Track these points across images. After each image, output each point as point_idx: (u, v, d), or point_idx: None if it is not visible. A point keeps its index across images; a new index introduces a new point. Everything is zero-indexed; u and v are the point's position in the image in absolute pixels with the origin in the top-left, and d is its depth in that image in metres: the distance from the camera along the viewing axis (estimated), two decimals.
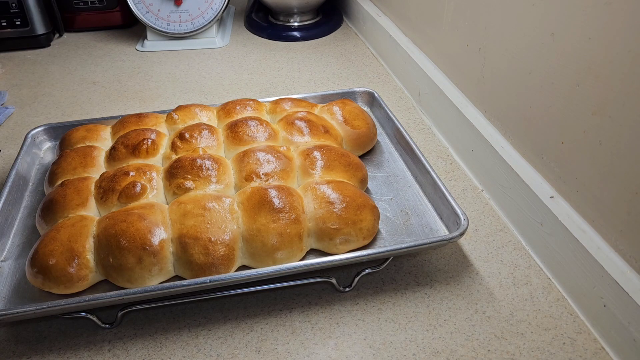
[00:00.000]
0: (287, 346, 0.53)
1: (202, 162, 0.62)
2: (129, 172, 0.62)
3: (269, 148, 0.65)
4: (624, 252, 0.51)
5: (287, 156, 0.64)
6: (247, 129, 0.69)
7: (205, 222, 0.55)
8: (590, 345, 0.53)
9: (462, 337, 0.54)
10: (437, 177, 0.65)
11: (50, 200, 0.60)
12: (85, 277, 0.54)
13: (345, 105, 0.76)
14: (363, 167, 0.67)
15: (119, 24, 1.28)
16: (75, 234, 0.55)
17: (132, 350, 0.53)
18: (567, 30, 0.55)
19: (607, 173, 0.52)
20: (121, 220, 0.55)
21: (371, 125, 0.75)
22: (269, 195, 0.57)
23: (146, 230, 0.54)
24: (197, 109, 0.75)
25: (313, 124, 0.71)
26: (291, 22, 1.24)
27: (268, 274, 0.53)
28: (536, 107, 0.62)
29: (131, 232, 0.53)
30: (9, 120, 0.91)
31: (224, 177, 0.62)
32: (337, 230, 0.57)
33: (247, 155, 0.64)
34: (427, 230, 0.62)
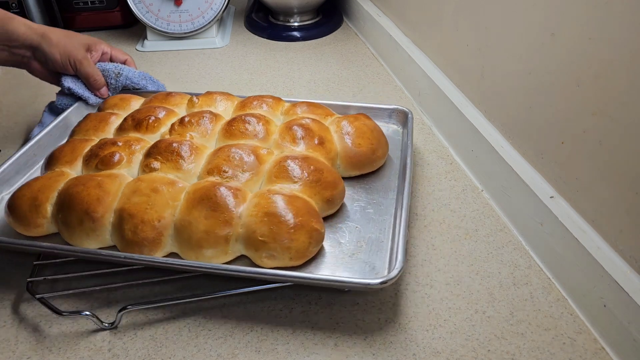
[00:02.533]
0: (287, 346, 0.53)
1: (178, 147, 0.64)
2: (116, 142, 0.67)
3: (247, 147, 0.65)
4: (624, 252, 0.51)
5: (259, 159, 0.64)
6: (242, 125, 0.69)
7: (147, 203, 0.57)
8: (590, 345, 0.53)
9: (462, 337, 0.54)
10: (403, 216, 0.59)
11: (51, 152, 0.69)
12: (41, 224, 0.60)
13: (356, 120, 0.72)
14: (336, 187, 0.62)
15: (119, 24, 1.28)
16: (46, 185, 0.61)
17: (132, 350, 0.53)
18: (567, 30, 0.55)
19: (607, 173, 0.52)
20: (81, 184, 0.60)
21: (375, 147, 0.70)
22: (212, 192, 0.57)
23: (95, 197, 0.58)
24: (219, 97, 0.78)
25: (309, 133, 0.68)
26: (291, 22, 1.24)
27: (180, 266, 0.55)
28: (536, 107, 0.62)
29: (83, 196, 0.58)
30: (8, 120, 0.91)
31: (191, 166, 0.63)
32: (263, 243, 0.55)
33: (222, 150, 0.65)
34: (367, 268, 0.56)
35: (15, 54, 0.75)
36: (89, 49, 0.80)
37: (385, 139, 0.73)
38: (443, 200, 0.71)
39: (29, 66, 0.78)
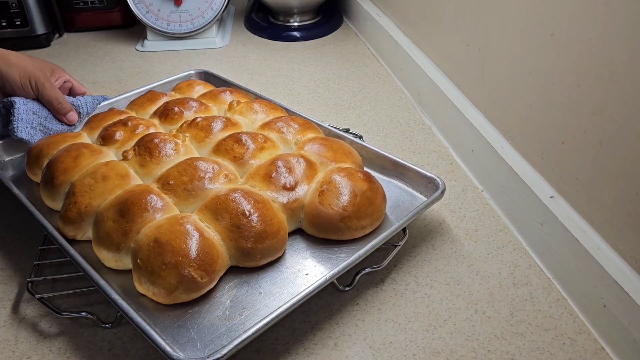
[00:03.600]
0: (287, 346, 0.53)
1: (155, 144, 0.65)
2: (127, 122, 0.71)
3: (213, 167, 0.61)
4: (624, 252, 0.51)
5: (212, 181, 0.60)
6: (230, 143, 0.66)
7: (90, 187, 0.60)
8: (590, 345, 0.53)
9: (462, 337, 0.54)
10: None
11: (104, 111, 0.77)
12: (37, 174, 0.68)
13: (348, 176, 0.62)
14: (262, 241, 0.55)
15: (119, 24, 1.28)
16: (55, 142, 0.70)
17: (132, 350, 0.53)
18: (567, 30, 0.55)
19: (607, 173, 0.52)
20: (67, 150, 0.66)
21: (349, 215, 0.58)
22: (132, 198, 0.57)
23: (65, 166, 0.64)
24: (258, 107, 0.76)
25: (287, 173, 0.61)
26: (291, 22, 1.24)
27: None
28: (536, 107, 0.62)
29: (58, 162, 0.65)
30: None
31: (156, 167, 0.64)
32: (138, 267, 0.53)
33: (189, 160, 0.62)
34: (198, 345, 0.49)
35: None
36: (51, 74, 0.74)
37: (379, 212, 0.61)
38: (443, 200, 0.71)
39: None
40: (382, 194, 0.62)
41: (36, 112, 0.72)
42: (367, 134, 0.85)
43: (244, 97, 0.81)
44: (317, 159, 0.65)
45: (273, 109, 0.76)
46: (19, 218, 0.69)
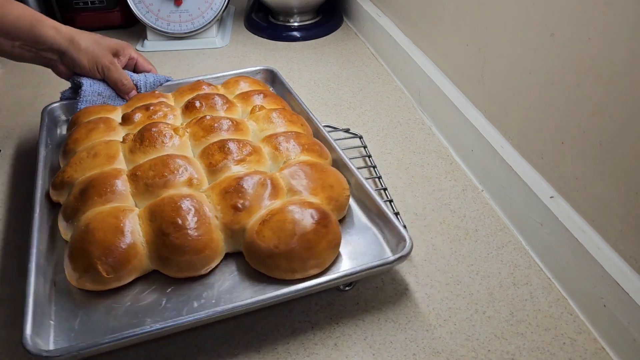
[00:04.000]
0: (287, 346, 0.53)
1: (154, 134, 0.66)
2: (150, 107, 0.73)
3: (183, 169, 0.61)
4: (624, 252, 0.51)
5: (168, 185, 0.60)
6: (215, 149, 0.64)
7: (80, 160, 0.64)
8: (590, 345, 0.53)
9: (462, 337, 0.54)
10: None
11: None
12: None
13: (300, 206, 0.57)
14: (182, 254, 0.54)
15: (119, 24, 1.28)
16: (90, 112, 0.75)
17: (132, 349, 0.53)
18: (567, 30, 0.55)
19: (607, 173, 0.52)
20: (90, 122, 0.72)
21: (282, 252, 0.53)
22: (96, 180, 0.60)
23: (78, 137, 0.69)
24: (276, 117, 0.72)
25: (237, 194, 0.58)
26: (291, 22, 1.24)
27: None
28: (536, 107, 0.62)
29: (76, 129, 0.71)
30: (8, 120, 0.91)
31: (140, 156, 0.65)
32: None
33: (165, 157, 0.62)
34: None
35: (42, 56, 0.76)
36: (117, 53, 0.80)
37: (319, 259, 0.54)
38: (443, 200, 0.71)
39: (55, 68, 0.78)
40: (331, 240, 0.55)
41: (101, 93, 0.79)
42: (367, 134, 0.85)
43: (274, 103, 0.77)
44: (288, 184, 0.60)
45: (291, 122, 0.71)
46: None
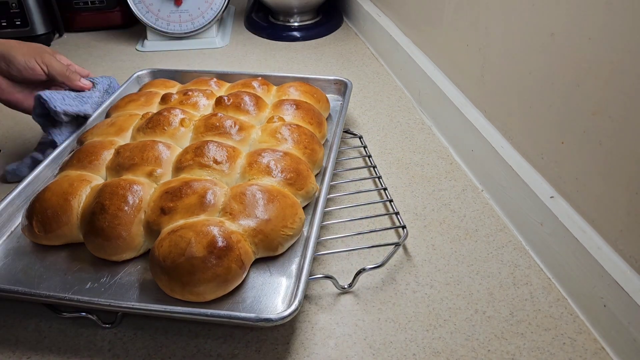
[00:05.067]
0: (287, 346, 0.53)
1: (162, 118, 0.69)
2: (188, 92, 0.77)
3: (163, 152, 0.64)
4: (624, 252, 0.51)
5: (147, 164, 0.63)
6: (204, 151, 0.64)
7: (101, 125, 0.71)
8: (590, 345, 0.53)
9: (462, 337, 0.54)
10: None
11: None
12: None
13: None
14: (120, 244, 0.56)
15: (119, 24, 1.28)
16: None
17: (132, 350, 0.53)
18: (567, 30, 0.55)
19: (607, 173, 0.52)
20: (137, 94, 0.80)
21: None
22: (89, 145, 0.67)
23: (120, 104, 0.77)
24: (285, 130, 0.70)
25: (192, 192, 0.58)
26: (291, 22, 1.24)
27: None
28: (536, 107, 0.62)
29: (126, 96, 0.79)
30: (8, 120, 0.91)
31: (141, 135, 0.69)
32: None
33: (150, 142, 0.66)
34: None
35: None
36: (51, 53, 0.73)
37: (194, 289, 0.52)
38: (443, 200, 0.71)
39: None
40: (218, 274, 0.51)
41: (61, 93, 0.72)
42: (367, 134, 0.85)
43: (302, 118, 0.73)
44: (227, 204, 0.57)
45: (298, 142, 0.68)
46: None
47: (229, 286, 0.53)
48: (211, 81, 0.83)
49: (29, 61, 0.69)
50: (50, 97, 0.69)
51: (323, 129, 0.75)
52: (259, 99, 0.77)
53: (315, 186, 0.64)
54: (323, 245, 0.63)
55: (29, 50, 0.70)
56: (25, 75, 0.69)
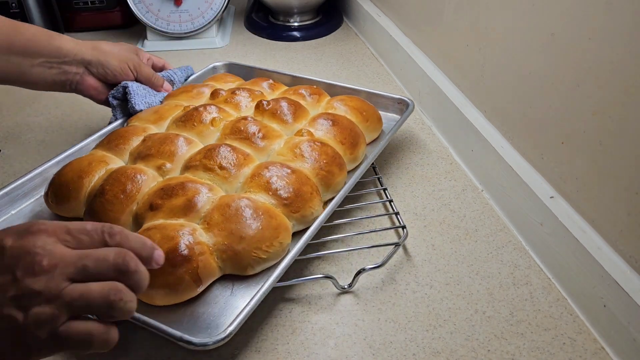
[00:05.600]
0: (287, 346, 0.53)
1: (196, 113, 0.70)
2: (235, 91, 0.76)
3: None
4: (624, 252, 0.51)
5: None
6: (212, 158, 0.62)
7: (144, 112, 0.74)
8: (590, 345, 0.53)
9: (462, 337, 0.54)
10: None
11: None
12: None
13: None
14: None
15: (119, 24, 1.28)
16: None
17: (132, 350, 0.53)
18: (567, 30, 0.55)
19: (607, 173, 0.52)
20: (196, 86, 0.81)
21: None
22: (123, 129, 0.70)
23: (174, 93, 0.79)
24: (306, 147, 0.66)
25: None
26: (291, 22, 1.24)
27: None
28: (536, 107, 0.62)
29: (178, 89, 0.81)
30: (8, 120, 0.91)
31: (174, 127, 0.70)
32: None
33: (172, 136, 0.67)
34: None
35: (67, 71, 0.71)
36: (136, 54, 0.80)
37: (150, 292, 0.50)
38: (443, 200, 0.71)
39: (80, 84, 0.74)
40: (165, 284, 0.50)
41: (145, 88, 0.79)
42: None
43: (333, 137, 0.69)
44: (209, 212, 0.56)
45: (315, 161, 0.64)
46: None
47: (180, 296, 0.51)
48: (264, 82, 0.81)
49: (123, 67, 0.76)
50: (134, 93, 0.76)
51: (356, 151, 0.69)
52: (299, 108, 0.73)
53: (315, 211, 0.60)
54: (323, 245, 0.63)
55: (120, 54, 0.76)
56: (119, 79, 0.76)
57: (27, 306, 0.37)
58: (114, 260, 0.39)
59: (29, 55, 0.68)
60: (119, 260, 0.39)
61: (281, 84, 0.83)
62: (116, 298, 0.38)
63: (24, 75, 0.69)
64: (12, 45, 0.67)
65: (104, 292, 0.38)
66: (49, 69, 0.70)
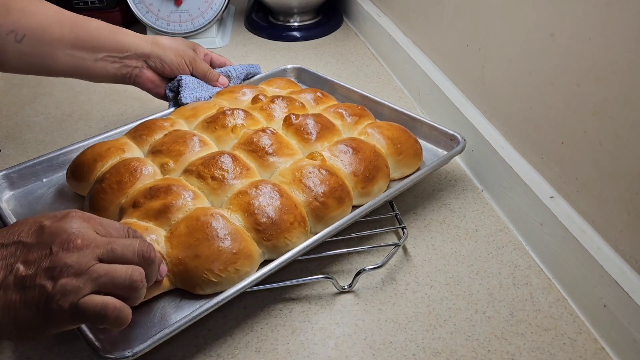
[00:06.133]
0: (287, 346, 0.53)
1: (219, 118, 0.69)
2: (275, 99, 0.74)
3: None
4: (624, 252, 0.51)
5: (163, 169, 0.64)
6: (215, 167, 0.61)
7: (185, 106, 0.76)
8: (590, 345, 0.53)
9: (462, 337, 0.54)
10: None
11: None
12: None
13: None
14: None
15: (119, 24, 1.27)
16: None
17: None
18: (567, 30, 0.55)
19: (607, 173, 0.52)
20: (238, 87, 0.81)
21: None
22: (149, 121, 0.73)
23: (223, 91, 0.80)
24: (312, 171, 0.63)
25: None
26: (291, 22, 1.24)
27: None
28: (536, 107, 0.62)
29: (227, 89, 0.80)
30: (8, 120, 0.91)
31: (201, 128, 0.70)
32: None
33: (182, 134, 0.67)
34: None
35: (127, 65, 0.74)
36: (194, 50, 0.81)
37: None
38: (443, 200, 0.71)
39: (139, 77, 0.76)
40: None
41: (199, 82, 0.81)
42: None
43: (349, 163, 0.64)
44: (174, 215, 0.56)
45: (310, 189, 0.60)
46: None
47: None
48: (311, 94, 0.78)
49: (180, 61, 0.77)
50: (186, 86, 0.78)
51: (370, 186, 0.63)
52: (327, 128, 0.69)
53: (291, 243, 0.56)
54: (323, 245, 0.63)
55: (178, 49, 0.78)
56: (175, 73, 0.78)
57: (57, 277, 0.40)
58: (139, 247, 0.44)
59: (92, 50, 0.70)
60: (143, 248, 0.44)
61: (330, 98, 0.79)
62: (138, 279, 0.43)
63: (88, 70, 0.71)
64: (77, 40, 0.69)
65: (128, 272, 0.43)
66: (111, 63, 0.72)
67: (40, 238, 0.41)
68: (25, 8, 0.65)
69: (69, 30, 0.68)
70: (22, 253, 0.41)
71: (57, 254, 0.40)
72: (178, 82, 0.78)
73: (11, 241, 0.42)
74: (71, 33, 0.68)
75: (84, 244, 0.41)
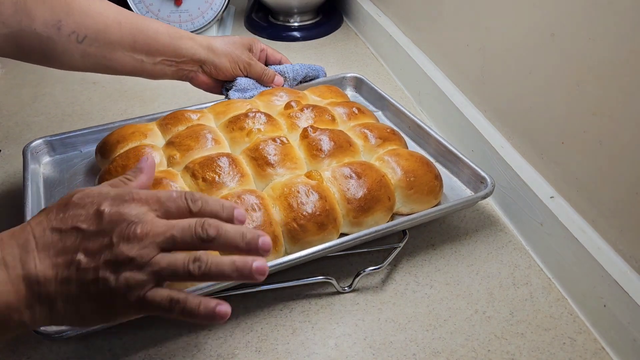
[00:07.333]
0: (287, 346, 0.53)
1: (239, 121, 0.68)
2: (305, 108, 0.72)
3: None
4: (624, 252, 0.51)
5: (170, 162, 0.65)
6: (212, 170, 0.60)
7: (221, 102, 0.76)
8: (590, 345, 0.53)
9: (462, 337, 0.54)
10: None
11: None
12: None
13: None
14: None
15: None
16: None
17: (132, 350, 0.53)
18: (567, 30, 0.55)
19: (607, 173, 0.52)
20: (274, 93, 0.78)
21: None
22: (176, 111, 0.74)
23: (262, 93, 0.78)
24: (302, 187, 0.61)
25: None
26: (291, 22, 1.24)
27: None
28: (536, 107, 0.62)
29: (266, 91, 0.79)
30: (8, 120, 0.91)
31: (222, 127, 0.70)
32: None
33: (199, 129, 0.67)
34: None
35: (183, 69, 0.76)
36: (250, 49, 0.80)
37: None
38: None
39: (194, 79, 0.78)
40: None
41: (254, 83, 0.81)
42: None
43: (345, 191, 0.60)
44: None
45: (294, 211, 0.57)
46: None
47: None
48: (344, 108, 0.74)
49: (234, 67, 0.78)
50: (239, 86, 0.79)
51: (363, 216, 0.59)
52: (342, 147, 0.65)
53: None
54: None
55: (233, 55, 0.78)
56: (229, 78, 0.80)
57: (119, 271, 0.40)
58: (196, 229, 0.42)
59: (151, 54, 0.72)
60: (199, 229, 0.42)
61: (366, 115, 0.74)
62: (194, 269, 0.42)
63: (147, 71, 0.74)
64: (135, 44, 0.70)
65: (186, 262, 0.42)
66: (168, 67, 0.75)
67: (100, 226, 0.41)
68: (86, 8, 0.66)
69: (128, 33, 0.69)
70: (82, 242, 0.40)
71: (118, 246, 0.40)
72: (233, 83, 0.80)
73: (69, 226, 0.41)
74: (130, 36, 0.69)
75: (143, 233, 0.41)
